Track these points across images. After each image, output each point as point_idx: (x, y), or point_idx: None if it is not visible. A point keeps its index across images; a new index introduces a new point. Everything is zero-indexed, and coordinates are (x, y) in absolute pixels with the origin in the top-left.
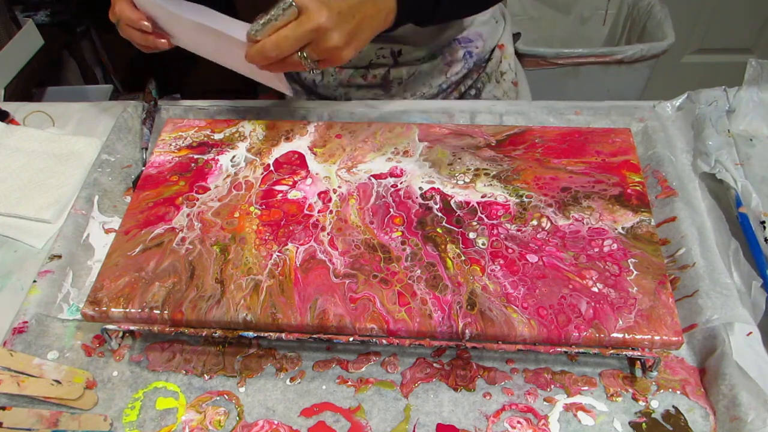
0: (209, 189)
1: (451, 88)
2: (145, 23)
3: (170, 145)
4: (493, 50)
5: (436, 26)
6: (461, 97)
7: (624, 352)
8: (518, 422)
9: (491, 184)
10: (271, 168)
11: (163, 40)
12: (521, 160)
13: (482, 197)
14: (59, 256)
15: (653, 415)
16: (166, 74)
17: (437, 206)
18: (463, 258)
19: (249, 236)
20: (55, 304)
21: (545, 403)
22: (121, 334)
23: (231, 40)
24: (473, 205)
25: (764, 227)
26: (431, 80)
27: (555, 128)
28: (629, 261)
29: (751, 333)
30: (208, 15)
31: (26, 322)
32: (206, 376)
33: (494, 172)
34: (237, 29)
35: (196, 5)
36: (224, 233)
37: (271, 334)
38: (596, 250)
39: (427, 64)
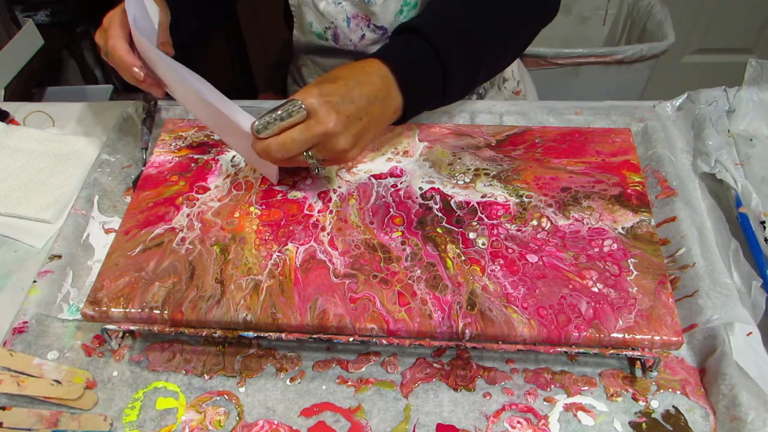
0: (209, 189)
1: None
2: (137, 71)
3: (170, 145)
4: None
5: None
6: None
7: (624, 352)
8: (518, 422)
9: (491, 184)
10: None
11: (158, 89)
12: (521, 160)
13: (482, 197)
14: (59, 256)
15: (653, 415)
16: None
17: (437, 206)
18: (463, 258)
19: (249, 236)
20: (55, 304)
21: (545, 403)
22: (121, 334)
23: (235, 125)
24: (473, 205)
25: (764, 227)
26: None
27: (555, 128)
28: (629, 261)
29: (751, 333)
30: (213, 92)
31: (26, 322)
32: (206, 376)
33: (494, 172)
34: (242, 117)
35: (198, 76)
36: (224, 233)
37: (271, 334)
38: (596, 250)
39: None
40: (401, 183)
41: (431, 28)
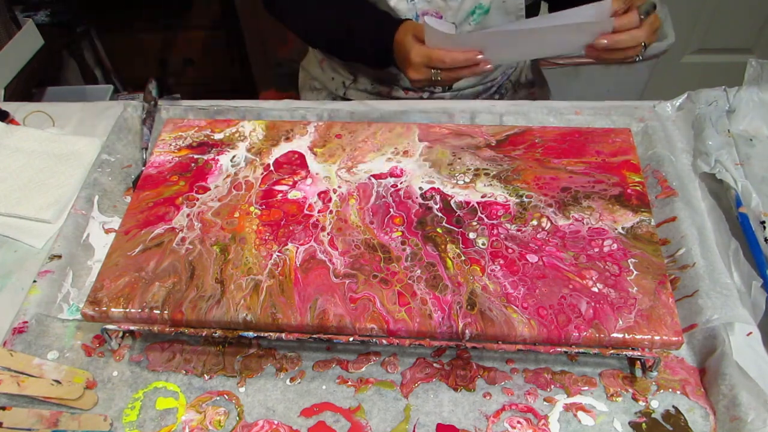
0: (209, 189)
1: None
2: (480, 56)
3: (170, 145)
4: None
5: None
6: None
7: (624, 352)
8: (518, 422)
9: (491, 184)
10: (271, 168)
11: (489, 66)
12: (521, 160)
13: (482, 197)
14: (59, 256)
15: (653, 415)
16: (166, 74)
17: (437, 206)
18: (463, 258)
19: (249, 236)
20: (55, 304)
21: (545, 403)
22: (121, 334)
23: (582, 23)
24: (473, 205)
25: (764, 227)
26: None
27: (555, 128)
28: (629, 261)
29: (751, 333)
30: (545, 19)
31: (26, 322)
32: (206, 376)
33: (494, 172)
34: (587, 13)
35: (517, 22)
36: (224, 233)
37: (271, 334)
38: (596, 250)
39: (468, 90)
40: (401, 183)
41: None
